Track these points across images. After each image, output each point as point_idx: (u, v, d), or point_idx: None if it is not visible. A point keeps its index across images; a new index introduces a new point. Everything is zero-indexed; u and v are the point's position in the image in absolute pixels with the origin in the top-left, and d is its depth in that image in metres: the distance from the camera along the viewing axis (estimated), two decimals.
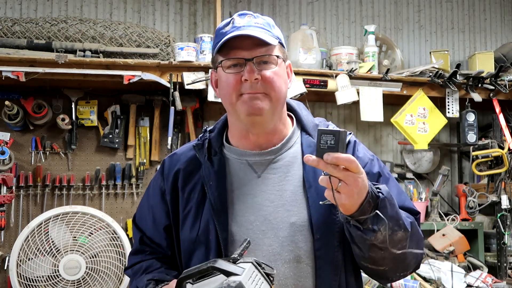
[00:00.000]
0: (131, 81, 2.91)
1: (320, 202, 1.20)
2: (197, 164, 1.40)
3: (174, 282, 1.22)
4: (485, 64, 3.48)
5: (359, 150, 1.41)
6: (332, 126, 1.43)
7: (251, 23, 1.30)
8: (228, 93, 1.31)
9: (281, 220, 1.31)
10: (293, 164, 1.37)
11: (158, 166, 1.57)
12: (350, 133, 1.41)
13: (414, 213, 1.38)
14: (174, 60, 2.98)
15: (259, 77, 1.28)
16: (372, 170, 1.38)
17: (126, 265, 1.52)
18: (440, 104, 3.38)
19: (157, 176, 1.48)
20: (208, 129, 1.46)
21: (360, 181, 1.11)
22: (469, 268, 3.20)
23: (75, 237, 2.87)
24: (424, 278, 2.95)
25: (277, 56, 1.31)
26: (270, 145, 1.37)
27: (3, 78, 2.79)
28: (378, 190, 1.18)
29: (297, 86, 3.03)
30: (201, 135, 1.45)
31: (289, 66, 1.40)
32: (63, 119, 3.10)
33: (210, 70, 1.43)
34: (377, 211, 1.15)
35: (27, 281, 2.78)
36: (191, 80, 2.97)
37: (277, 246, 1.30)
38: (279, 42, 1.34)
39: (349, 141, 1.40)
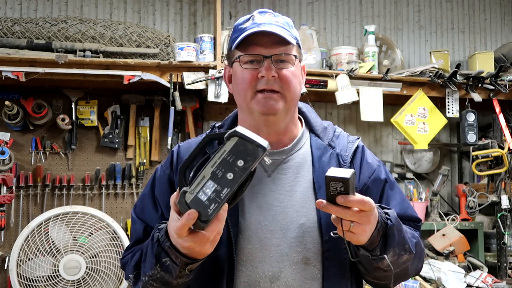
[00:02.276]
0: (131, 81, 2.91)
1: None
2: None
3: (174, 194, 1.12)
4: (485, 64, 3.48)
5: (367, 156, 1.42)
6: (339, 130, 1.45)
7: (272, 21, 1.30)
8: (243, 89, 1.30)
9: (290, 220, 1.30)
10: (303, 165, 1.36)
11: (158, 165, 1.51)
12: (358, 138, 1.43)
13: (416, 220, 1.41)
14: (174, 60, 2.98)
15: (276, 75, 1.28)
16: (380, 176, 1.39)
17: (122, 256, 1.41)
18: (440, 104, 3.39)
19: (164, 167, 1.42)
20: (217, 125, 1.44)
21: (372, 217, 1.13)
22: (469, 268, 3.20)
23: (75, 237, 2.87)
24: (424, 278, 2.95)
25: (295, 56, 1.31)
26: (281, 145, 1.37)
27: (3, 78, 2.79)
28: (387, 216, 1.19)
29: None
30: (209, 130, 1.44)
31: (303, 68, 1.39)
32: (63, 119, 3.10)
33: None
34: (385, 252, 1.18)
35: (27, 281, 2.79)
36: (191, 80, 2.98)
37: (285, 246, 1.29)
38: (297, 42, 1.34)
39: (357, 146, 1.41)
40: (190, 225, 1.04)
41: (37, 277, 2.80)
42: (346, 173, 1.10)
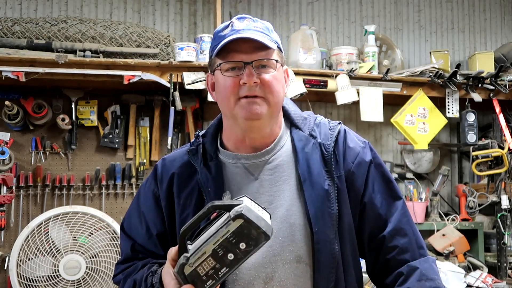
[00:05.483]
0: (131, 81, 2.91)
1: None
2: (192, 169, 1.37)
3: (172, 250, 1.17)
4: (485, 64, 3.48)
5: (349, 140, 1.39)
6: (320, 118, 1.43)
7: (251, 27, 1.29)
8: (226, 96, 1.29)
9: (281, 220, 1.31)
10: (288, 162, 1.36)
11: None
12: (339, 123, 1.41)
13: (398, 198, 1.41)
14: (174, 60, 2.98)
15: (258, 81, 1.27)
16: (364, 158, 1.38)
17: (114, 273, 1.43)
18: (440, 104, 3.38)
19: (149, 182, 1.43)
20: (200, 134, 1.43)
21: None
22: (469, 268, 3.20)
23: (75, 237, 2.87)
24: None
25: (276, 61, 1.31)
26: (264, 146, 1.36)
27: (3, 78, 2.79)
28: None
29: (297, 86, 3.03)
30: (193, 140, 1.43)
31: (286, 71, 1.39)
32: (63, 119, 3.10)
33: (206, 73, 1.41)
34: None
35: (27, 281, 2.78)
36: (191, 80, 2.98)
37: (278, 247, 1.29)
38: (277, 46, 1.33)
39: (339, 131, 1.38)
40: None
41: (37, 277, 2.80)
42: None
